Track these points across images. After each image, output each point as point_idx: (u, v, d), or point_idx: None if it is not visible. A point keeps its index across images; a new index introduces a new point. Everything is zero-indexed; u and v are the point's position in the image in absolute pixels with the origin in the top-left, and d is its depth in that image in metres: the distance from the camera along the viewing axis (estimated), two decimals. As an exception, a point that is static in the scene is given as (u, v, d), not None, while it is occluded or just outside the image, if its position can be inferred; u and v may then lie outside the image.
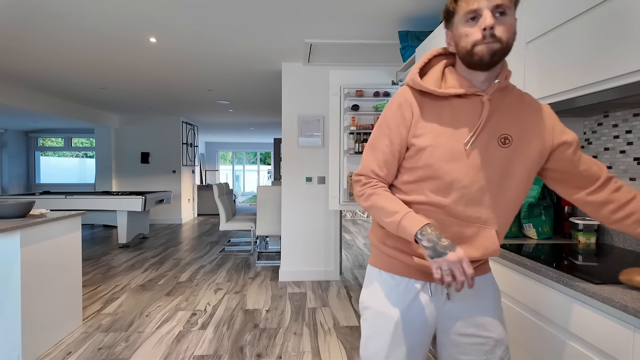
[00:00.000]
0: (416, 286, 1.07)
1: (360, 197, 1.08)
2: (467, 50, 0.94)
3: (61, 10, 2.86)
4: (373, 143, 1.08)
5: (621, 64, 1.34)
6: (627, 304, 0.98)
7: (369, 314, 1.12)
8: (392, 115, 1.04)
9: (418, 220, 0.96)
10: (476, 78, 1.00)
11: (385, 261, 1.12)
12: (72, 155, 9.98)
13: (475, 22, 0.93)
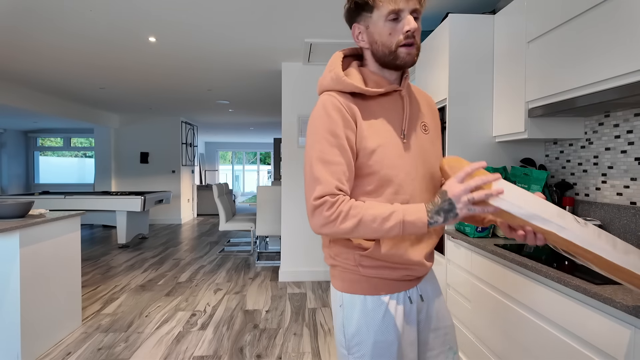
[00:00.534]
0: (403, 298, 1.03)
1: (334, 220, 0.89)
2: (391, 50, 0.94)
3: (61, 10, 2.85)
4: (322, 157, 0.92)
5: (622, 63, 1.33)
6: (627, 304, 0.98)
7: (366, 348, 0.98)
8: (333, 122, 0.93)
9: (416, 208, 0.90)
10: (389, 75, 1.01)
11: (368, 284, 1.00)
12: (72, 155, 9.97)
13: (397, 22, 0.93)
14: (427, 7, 2.78)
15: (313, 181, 0.92)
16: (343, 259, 1.01)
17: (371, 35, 0.96)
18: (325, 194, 0.90)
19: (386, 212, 0.89)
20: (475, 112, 2.22)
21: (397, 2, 0.91)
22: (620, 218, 1.73)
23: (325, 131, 0.93)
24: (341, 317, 1.02)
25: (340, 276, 1.03)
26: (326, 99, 0.96)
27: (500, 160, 2.25)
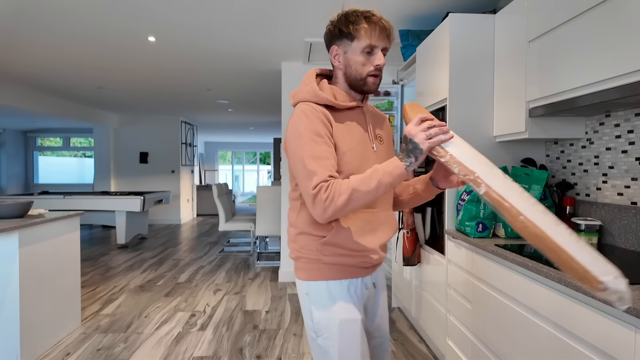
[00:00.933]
0: (360, 283, 1.17)
1: (332, 200, 0.98)
2: (362, 77, 1.12)
3: (60, 10, 2.84)
4: (313, 154, 1.02)
5: (623, 63, 1.33)
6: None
7: (333, 329, 1.10)
8: (316, 125, 1.05)
9: (390, 161, 1.02)
10: (355, 95, 1.18)
11: (330, 270, 1.13)
12: (71, 155, 9.96)
13: (370, 55, 1.11)
14: (427, 7, 2.78)
15: (308, 175, 1.01)
16: (307, 250, 1.14)
17: (347, 60, 1.12)
18: (320, 181, 1.00)
19: (368, 174, 1.01)
20: (476, 112, 2.22)
21: (373, 39, 1.09)
22: (621, 218, 1.73)
23: (310, 132, 1.05)
24: (308, 304, 1.15)
25: (305, 267, 1.15)
26: (304, 107, 1.09)
27: (500, 160, 2.24)
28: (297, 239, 1.16)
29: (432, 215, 2.52)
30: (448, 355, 2.22)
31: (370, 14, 1.11)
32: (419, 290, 2.73)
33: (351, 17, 1.10)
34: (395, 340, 2.76)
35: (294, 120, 1.08)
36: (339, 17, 1.12)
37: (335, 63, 1.16)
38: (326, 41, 1.17)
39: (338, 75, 1.17)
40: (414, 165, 1.01)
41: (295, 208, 1.17)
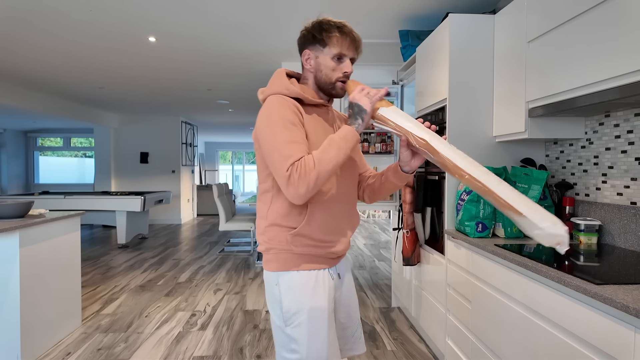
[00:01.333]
0: (328, 273, 1.23)
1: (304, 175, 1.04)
2: (331, 81, 1.20)
3: (60, 10, 2.85)
4: (287, 139, 1.08)
5: (622, 63, 1.33)
6: (628, 305, 0.98)
7: (302, 316, 1.16)
8: (288, 113, 1.11)
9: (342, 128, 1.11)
10: (322, 96, 1.26)
11: (299, 260, 1.18)
12: (71, 155, 9.97)
13: (340, 62, 1.19)
14: (427, 7, 2.78)
15: (284, 159, 1.06)
16: (277, 241, 1.18)
17: (318, 64, 1.21)
18: (294, 160, 1.05)
19: (326, 143, 1.09)
20: (476, 112, 2.22)
21: (343, 48, 1.18)
22: (621, 218, 1.73)
23: (282, 119, 1.10)
24: (278, 294, 1.19)
25: (275, 258, 1.19)
26: (275, 97, 1.14)
27: (500, 160, 2.25)
28: (267, 231, 1.19)
29: (431, 215, 2.53)
30: (448, 354, 2.23)
31: (342, 25, 1.19)
32: (418, 290, 2.73)
33: (325, 25, 1.19)
34: (395, 339, 2.76)
35: (266, 110, 1.13)
36: (314, 24, 1.20)
37: (306, 66, 1.24)
38: (299, 45, 1.24)
39: (308, 77, 1.25)
40: (362, 126, 1.13)
41: (267, 200, 1.20)
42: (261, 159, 1.19)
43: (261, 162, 1.20)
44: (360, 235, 7.19)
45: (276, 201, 1.18)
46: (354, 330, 1.34)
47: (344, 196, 1.25)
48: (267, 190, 1.20)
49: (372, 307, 3.41)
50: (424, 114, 2.66)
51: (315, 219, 1.17)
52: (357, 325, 1.35)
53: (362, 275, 4.45)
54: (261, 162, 1.20)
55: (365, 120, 1.13)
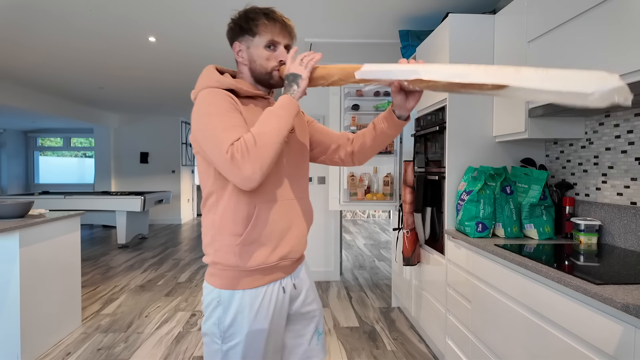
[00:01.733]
0: (279, 287, 1.14)
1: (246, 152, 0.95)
2: (267, 71, 1.13)
3: (60, 10, 2.85)
4: (223, 127, 0.99)
5: (622, 63, 1.33)
6: (628, 305, 0.98)
7: (240, 337, 1.08)
8: (222, 102, 1.04)
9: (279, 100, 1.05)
10: (261, 88, 1.19)
11: (248, 279, 1.09)
12: (71, 155, 9.96)
13: (273, 50, 1.13)
14: (427, 7, 2.78)
15: (222, 143, 0.97)
16: (224, 254, 1.08)
17: (251, 55, 1.14)
18: (229, 144, 0.97)
19: (263, 116, 1.02)
20: (476, 112, 2.22)
21: (274, 35, 1.11)
22: (621, 218, 1.73)
23: (216, 108, 1.02)
24: (218, 313, 1.09)
25: (220, 274, 1.10)
26: (209, 90, 1.06)
27: (500, 160, 2.25)
28: (213, 242, 1.09)
29: (431, 215, 2.53)
30: (448, 354, 2.23)
31: (270, 11, 1.13)
32: (418, 290, 2.73)
33: (250, 13, 1.13)
34: (395, 339, 2.76)
35: (198, 105, 1.05)
36: (240, 15, 1.14)
37: (239, 59, 1.17)
38: (228, 39, 1.19)
39: (243, 70, 1.18)
40: (298, 91, 1.05)
41: (212, 205, 1.10)
42: (202, 163, 1.10)
43: (202, 165, 1.10)
44: (360, 235, 7.19)
45: (221, 203, 1.07)
46: (310, 338, 1.23)
47: (295, 189, 1.16)
48: (210, 194, 1.10)
49: (372, 307, 3.41)
50: (423, 114, 2.66)
51: (264, 219, 1.07)
52: (314, 333, 1.25)
53: (362, 275, 4.45)
54: (202, 166, 1.10)
55: (302, 85, 1.05)
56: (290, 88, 1.06)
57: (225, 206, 1.07)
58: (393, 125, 1.17)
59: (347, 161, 1.31)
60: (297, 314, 1.22)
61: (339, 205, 3.43)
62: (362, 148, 1.26)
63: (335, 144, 1.30)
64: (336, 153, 1.30)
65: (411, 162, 2.73)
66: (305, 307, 1.23)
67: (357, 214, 9.63)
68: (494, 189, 2.01)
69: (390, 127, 1.17)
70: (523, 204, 1.98)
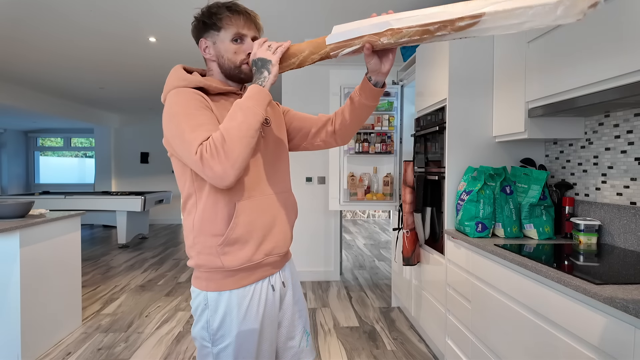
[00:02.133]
0: (266, 285, 1.12)
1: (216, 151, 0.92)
2: (236, 65, 1.10)
3: (61, 10, 2.85)
4: (191, 126, 0.95)
5: (622, 63, 1.33)
6: (628, 305, 0.98)
7: (230, 338, 1.06)
8: (190, 100, 1.00)
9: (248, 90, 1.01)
10: (232, 84, 1.15)
11: (233, 279, 1.07)
12: (72, 155, 9.97)
13: (240, 43, 1.10)
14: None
15: (191, 144, 0.94)
16: (207, 256, 1.05)
17: (218, 51, 1.11)
18: (199, 144, 0.94)
19: (231, 110, 0.97)
20: (475, 112, 2.22)
21: (239, 27, 1.09)
22: (621, 218, 1.73)
23: (184, 108, 0.99)
24: (206, 315, 1.07)
25: (205, 276, 1.08)
26: (176, 90, 1.03)
27: (500, 160, 2.25)
28: (195, 244, 1.07)
29: (431, 215, 2.53)
30: (448, 354, 2.23)
31: (232, 4, 1.11)
32: (418, 290, 2.73)
33: (213, 8, 1.10)
34: (395, 339, 2.76)
35: (167, 106, 1.02)
36: (202, 11, 1.12)
37: (206, 55, 1.14)
38: (194, 37, 1.16)
39: (212, 67, 1.14)
40: (269, 78, 1.02)
41: (191, 207, 1.07)
42: (177, 165, 1.07)
43: (178, 167, 1.07)
44: (360, 235, 7.19)
45: (200, 204, 1.05)
46: (300, 339, 1.23)
47: (274, 184, 1.13)
48: (189, 196, 1.07)
49: (372, 307, 3.41)
50: (424, 114, 2.66)
51: (245, 217, 1.05)
52: (303, 334, 1.24)
53: (362, 275, 4.46)
54: (178, 168, 1.07)
55: (273, 71, 1.01)
56: (260, 75, 1.02)
57: (203, 207, 1.04)
58: (370, 94, 1.13)
59: (330, 142, 1.27)
60: (286, 313, 1.20)
61: (339, 205, 3.43)
62: (343, 125, 1.22)
63: (315, 127, 1.27)
64: (317, 136, 1.27)
65: (411, 162, 2.73)
66: (294, 305, 1.22)
67: (357, 214, 9.63)
68: (494, 189, 2.01)
69: (368, 97, 1.13)
70: (523, 204, 1.98)
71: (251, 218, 1.06)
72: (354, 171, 3.47)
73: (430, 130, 2.47)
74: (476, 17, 0.78)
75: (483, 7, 0.78)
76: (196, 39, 1.16)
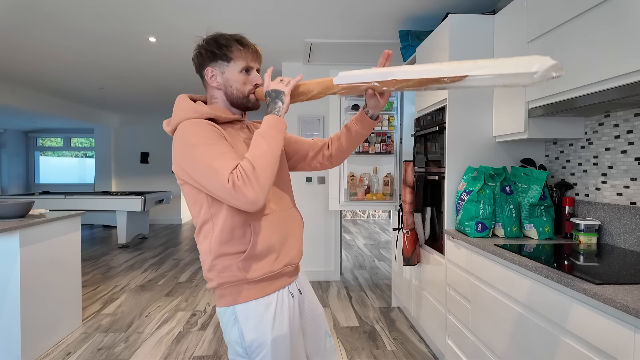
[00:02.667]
0: (288, 292, 1.18)
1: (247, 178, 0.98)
2: (244, 94, 1.18)
3: (61, 10, 2.85)
4: (216, 155, 1.01)
5: (622, 63, 1.33)
6: (627, 305, 0.98)
7: (266, 348, 1.09)
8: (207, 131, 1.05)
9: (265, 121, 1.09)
10: (235, 112, 1.22)
11: (256, 288, 1.12)
12: (72, 155, 9.97)
13: (247, 74, 1.18)
14: (427, 7, 2.79)
15: (220, 172, 0.99)
16: (228, 273, 1.10)
17: (227, 80, 1.18)
18: (229, 172, 0.99)
19: (253, 141, 1.06)
20: (475, 113, 2.22)
21: (248, 60, 1.18)
22: (621, 218, 1.73)
23: (204, 138, 1.04)
24: (237, 330, 1.11)
25: (229, 292, 1.12)
26: (189, 121, 1.08)
27: (500, 160, 2.25)
28: (214, 265, 1.11)
29: (431, 215, 2.53)
30: (448, 354, 2.23)
31: (241, 37, 1.19)
32: (418, 290, 2.73)
33: (222, 40, 1.16)
34: (395, 339, 2.76)
35: (182, 136, 1.05)
36: (209, 41, 1.17)
37: (212, 83, 1.19)
38: (198, 64, 1.21)
39: (216, 95, 1.20)
40: (283, 108, 1.10)
41: (207, 232, 1.12)
42: (190, 193, 1.11)
43: (191, 195, 1.11)
44: (360, 235, 7.19)
45: (217, 228, 1.09)
46: (324, 342, 1.29)
47: (282, 201, 1.20)
48: (205, 222, 1.11)
49: (372, 307, 3.41)
50: (424, 114, 2.66)
51: (262, 234, 1.11)
52: (325, 335, 1.30)
53: (362, 275, 4.46)
54: (191, 196, 1.11)
55: (286, 101, 1.11)
56: (275, 105, 1.10)
57: (220, 231, 1.09)
58: (367, 125, 1.26)
59: (326, 164, 1.39)
60: (308, 319, 1.26)
61: (339, 205, 3.43)
62: (340, 150, 1.34)
63: (312, 150, 1.36)
64: (315, 159, 1.37)
65: (411, 162, 2.73)
66: (313, 310, 1.28)
67: (357, 214, 9.63)
68: (494, 189, 2.01)
69: (365, 127, 1.27)
70: (523, 204, 1.98)
71: (267, 235, 1.12)
72: (354, 171, 3.47)
73: (430, 130, 2.47)
74: (462, 78, 0.99)
75: (469, 71, 0.98)
76: (201, 66, 1.20)
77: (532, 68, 0.92)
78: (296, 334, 1.17)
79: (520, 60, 0.95)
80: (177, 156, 1.07)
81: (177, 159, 1.07)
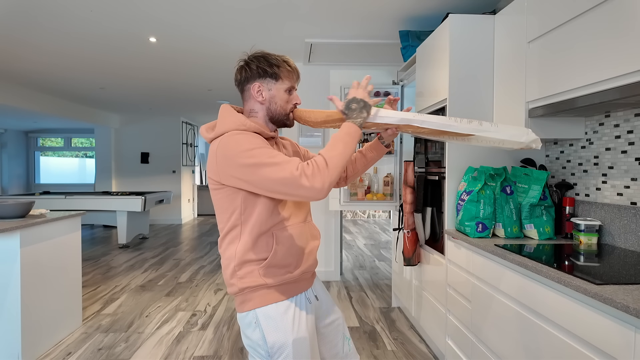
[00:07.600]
0: (305, 298, 1.24)
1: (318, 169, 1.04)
2: (286, 112, 1.25)
3: (61, 10, 2.85)
4: (276, 154, 1.07)
5: (623, 63, 1.33)
6: (628, 305, 0.98)
7: (289, 349, 1.14)
8: (257, 140, 1.11)
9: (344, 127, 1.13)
10: (271, 127, 1.28)
11: (276, 292, 1.17)
12: (72, 155, 9.97)
13: (290, 94, 1.25)
14: (427, 7, 2.78)
15: (286, 164, 1.05)
16: (250, 279, 1.16)
17: (272, 97, 1.23)
18: (297, 163, 1.05)
19: (330, 143, 1.11)
20: (476, 113, 2.22)
21: (293, 82, 1.26)
22: (621, 218, 1.73)
23: (257, 144, 1.09)
24: (259, 332, 1.16)
25: (251, 296, 1.17)
26: (235, 133, 1.13)
27: (500, 160, 2.25)
28: (237, 271, 1.16)
29: (432, 215, 2.53)
30: (448, 354, 2.23)
31: (288, 59, 1.26)
32: (419, 290, 2.73)
33: (272, 60, 1.22)
34: (395, 339, 2.76)
35: (232, 143, 1.10)
36: (259, 59, 1.22)
37: (257, 98, 1.23)
38: (245, 77, 1.23)
39: (257, 109, 1.25)
40: (364, 119, 1.15)
41: (234, 238, 1.17)
42: (225, 198, 1.15)
43: (226, 201, 1.16)
44: (360, 235, 7.19)
45: (244, 235, 1.15)
46: (342, 345, 1.34)
47: (302, 214, 1.26)
48: (233, 227, 1.17)
49: (372, 307, 3.41)
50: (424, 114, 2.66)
51: (284, 243, 1.17)
52: (344, 338, 1.35)
53: (362, 275, 4.46)
54: (225, 202, 1.16)
55: (367, 115, 1.15)
56: (360, 114, 1.14)
57: (247, 237, 1.15)
58: (381, 152, 1.43)
59: (341, 184, 1.49)
60: (325, 325, 1.32)
61: (339, 205, 3.43)
62: (355, 173, 1.46)
63: None
64: None
65: (411, 162, 2.73)
66: (330, 316, 1.33)
67: (357, 214, 9.63)
68: (494, 189, 2.01)
69: (379, 153, 1.43)
70: (523, 204, 1.98)
71: (288, 245, 1.18)
72: (354, 171, 3.46)
73: (431, 131, 2.46)
74: (470, 135, 1.22)
75: (476, 131, 1.20)
76: (246, 80, 1.23)
77: (521, 138, 1.20)
78: (313, 338, 1.21)
79: (514, 128, 1.21)
80: (222, 162, 1.10)
81: (221, 164, 1.10)
